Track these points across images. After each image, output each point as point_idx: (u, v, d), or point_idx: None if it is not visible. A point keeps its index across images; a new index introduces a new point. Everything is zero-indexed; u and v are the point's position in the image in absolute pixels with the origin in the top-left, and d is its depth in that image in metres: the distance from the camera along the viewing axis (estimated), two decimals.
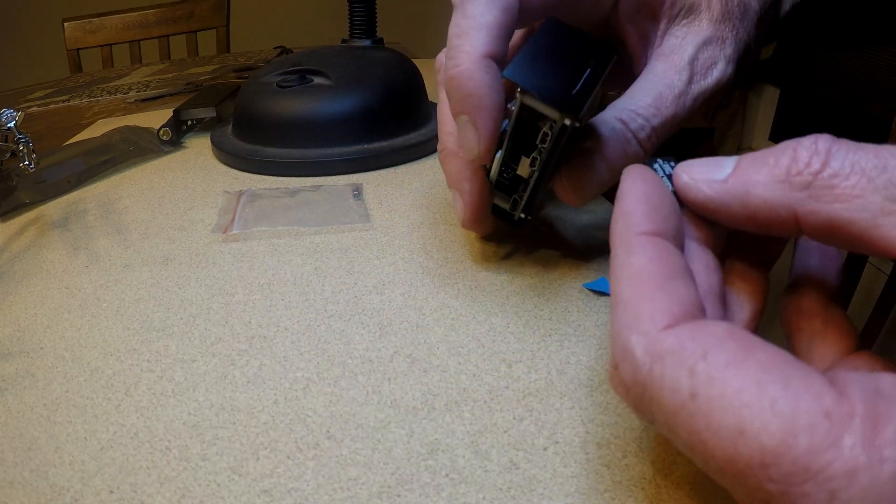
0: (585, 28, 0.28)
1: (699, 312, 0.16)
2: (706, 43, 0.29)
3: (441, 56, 0.30)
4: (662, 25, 0.30)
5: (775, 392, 0.13)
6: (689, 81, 0.28)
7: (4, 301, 0.32)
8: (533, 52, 0.24)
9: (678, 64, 0.28)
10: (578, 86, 0.23)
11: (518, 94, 0.25)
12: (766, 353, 0.14)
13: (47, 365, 0.26)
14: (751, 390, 0.13)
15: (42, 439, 0.22)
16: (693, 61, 0.29)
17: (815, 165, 0.15)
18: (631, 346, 0.15)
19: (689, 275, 0.17)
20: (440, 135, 0.31)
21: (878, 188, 0.14)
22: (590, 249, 0.33)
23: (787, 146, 0.16)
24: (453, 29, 0.26)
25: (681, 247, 0.18)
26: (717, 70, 0.29)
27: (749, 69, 0.31)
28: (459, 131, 0.26)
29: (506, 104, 0.26)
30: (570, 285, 0.30)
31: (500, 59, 0.25)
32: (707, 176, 0.18)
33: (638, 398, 0.15)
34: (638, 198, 0.17)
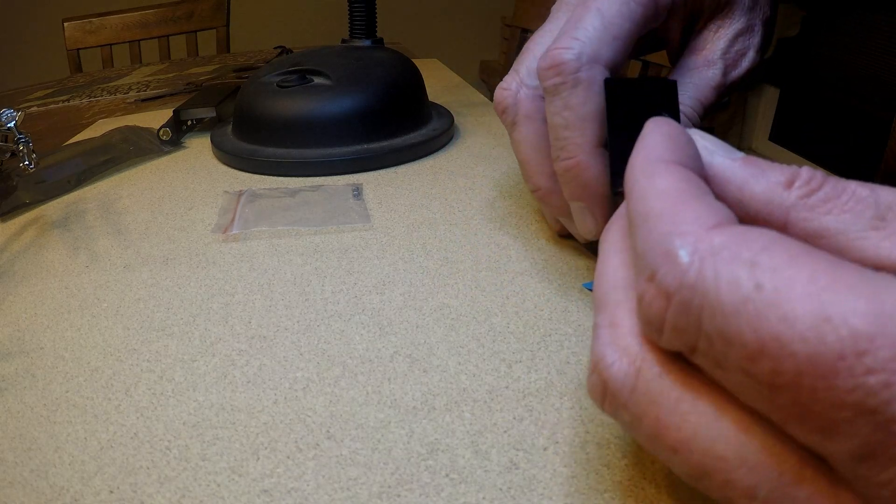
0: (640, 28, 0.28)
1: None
2: (738, 35, 0.30)
3: (501, 94, 0.30)
4: (702, 20, 0.31)
5: (851, 276, 0.12)
6: (725, 73, 0.30)
7: (4, 301, 0.32)
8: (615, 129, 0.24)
9: (711, 59, 0.30)
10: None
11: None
12: (827, 252, 0.13)
13: (47, 365, 0.26)
14: (826, 274, 0.12)
15: (42, 439, 0.22)
16: (725, 54, 0.30)
17: (814, 184, 0.16)
18: (674, 249, 0.13)
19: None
20: (529, 175, 0.30)
21: (868, 207, 0.15)
22: (590, 249, 0.33)
23: (791, 167, 0.17)
24: (557, 119, 0.26)
25: None
26: (748, 60, 0.31)
27: (766, 50, 0.33)
28: (576, 214, 0.28)
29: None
30: (570, 285, 0.30)
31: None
32: (723, 149, 0.18)
33: (683, 308, 0.13)
34: (661, 134, 0.17)
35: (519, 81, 0.29)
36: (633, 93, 0.24)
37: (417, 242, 0.35)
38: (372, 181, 0.44)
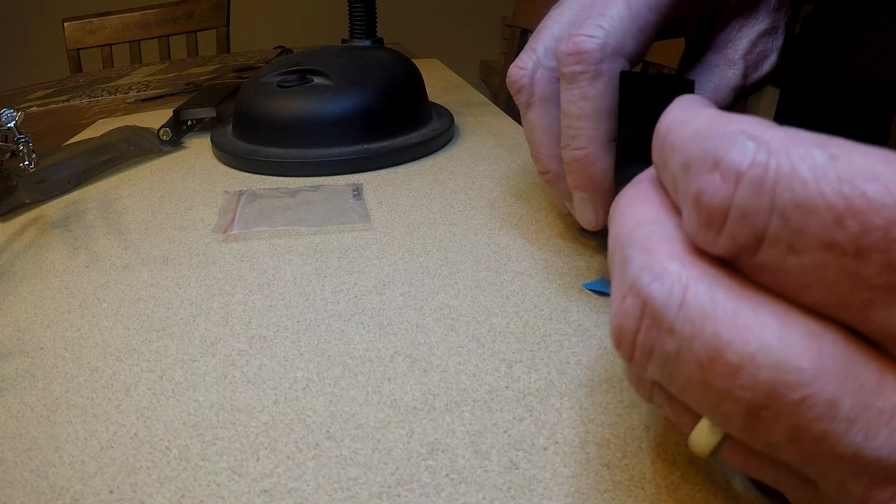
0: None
1: None
2: (762, 35, 0.29)
3: (517, 73, 0.29)
4: (725, 15, 0.30)
5: None
6: (745, 75, 0.29)
7: (4, 301, 0.32)
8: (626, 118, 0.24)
9: (732, 58, 0.29)
10: None
11: None
12: None
13: (47, 365, 0.26)
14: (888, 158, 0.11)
15: (42, 439, 0.22)
16: (747, 55, 0.29)
17: None
18: (742, 136, 0.13)
19: None
20: (539, 157, 0.30)
21: None
22: (590, 249, 0.33)
23: None
24: (572, 108, 0.26)
25: None
26: (769, 63, 0.29)
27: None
28: (577, 204, 0.28)
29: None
30: (570, 285, 0.30)
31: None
32: None
33: (755, 185, 0.12)
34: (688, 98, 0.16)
35: (536, 61, 0.28)
36: (649, 89, 0.23)
37: (417, 242, 0.35)
38: (372, 181, 0.44)
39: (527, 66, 0.28)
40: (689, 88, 0.23)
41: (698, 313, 0.13)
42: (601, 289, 0.29)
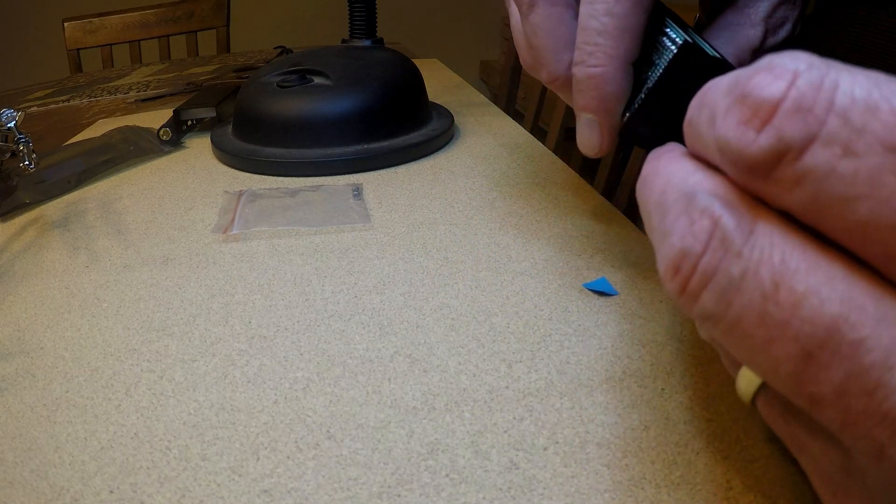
0: None
1: None
2: (782, 2, 0.29)
3: None
4: None
5: None
6: (764, 38, 0.28)
7: (4, 301, 0.32)
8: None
9: (753, 19, 0.28)
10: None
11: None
12: None
13: (47, 365, 0.26)
14: None
15: (42, 439, 0.22)
16: (768, 18, 0.28)
17: None
18: (791, 55, 0.12)
19: None
20: (545, 63, 0.27)
21: None
22: (590, 249, 0.33)
23: None
24: (593, 23, 0.24)
25: None
26: (785, 31, 0.29)
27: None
28: (581, 127, 0.26)
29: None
30: (570, 285, 0.30)
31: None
32: None
33: (812, 87, 0.12)
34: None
35: None
36: (701, 64, 0.23)
37: (417, 242, 0.35)
38: (372, 181, 0.44)
39: None
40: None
41: (768, 240, 0.12)
42: (601, 289, 0.29)
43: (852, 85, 0.11)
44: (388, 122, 0.48)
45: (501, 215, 0.38)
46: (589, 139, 0.26)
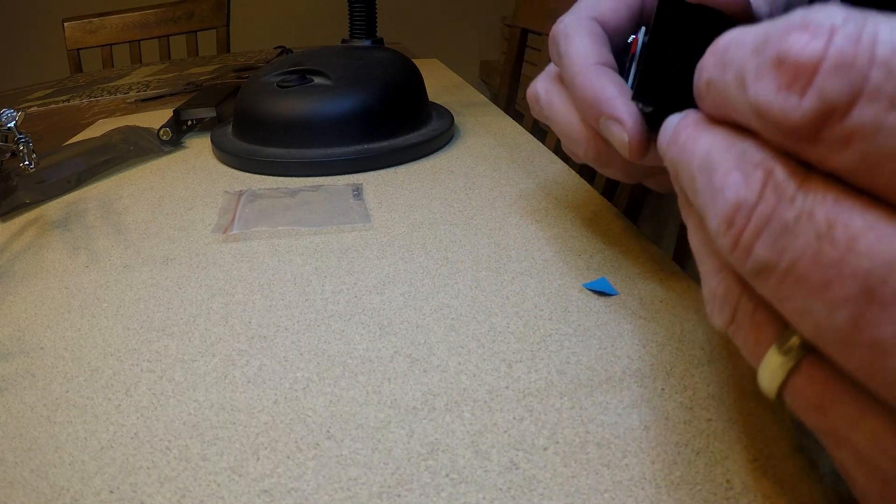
0: None
1: None
2: None
3: (528, 93, 0.31)
4: None
5: None
6: (771, 14, 0.28)
7: (4, 301, 0.32)
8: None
9: None
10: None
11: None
12: None
13: (47, 365, 0.26)
14: None
15: (42, 439, 0.22)
16: None
17: None
18: (830, 9, 0.12)
19: None
20: (577, 140, 0.28)
21: None
22: (590, 249, 0.33)
23: None
24: (562, 72, 0.28)
25: None
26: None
27: None
28: (606, 133, 0.26)
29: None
30: (570, 285, 0.30)
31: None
32: None
33: (855, 32, 0.11)
34: None
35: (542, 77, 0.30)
36: (688, 15, 0.22)
37: (417, 242, 0.35)
38: (372, 181, 0.44)
39: (534, 85, 0.30)
40: (730, 25, 0.23)
41: (821, 185, 0.12)
42: (601, 289, 0.29)
43: (892, 34, 0.11)
44: (388, 122, 0.48)
45: (501, 215, 0.38)
46: (616, 138, 0.26)
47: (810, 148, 0.12)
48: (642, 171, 0.29)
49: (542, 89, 0.30)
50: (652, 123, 0.25)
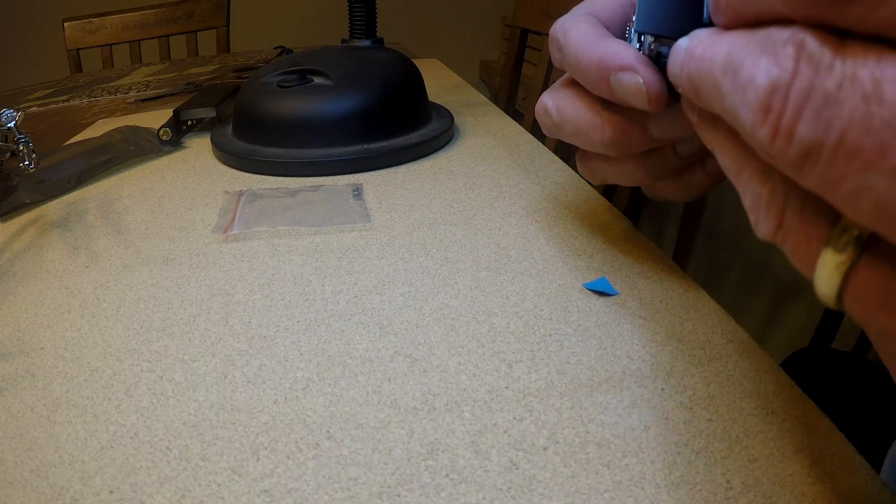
0: None
1: None
2: None
3: (537, 108, 0.30)
4: None
5: None
6: None
7: (4, 301, 0.32)
8: None
9: None
10: None
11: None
12: None
13: (47, 365, 0.26)
14: None
15: (42, 439, 0.22)
16: None
17: None
18: None
19: None
20: (597, 127, 0.28)
21: None
22: (590, 249, 0.33)
23: None
24: (563, 65, 0.27)
25: None
26: None
27: None
28: (617, 89, 0.24)
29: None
30: (570, 285, 0.30)
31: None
32: None
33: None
34: None
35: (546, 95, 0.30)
36: None
37: (417, 242, 0.35)
38: (372, 181, 0.44)
39: (540, 101, 0.30)
40: None
41: (860, 48, 0.11)
42: (601, 289, 0.29)
43: None
44: (388, 122, 0.48)
45: (501, 215, 0.38)
46: (635, 88, 0.24)
47: (848, 8, 0.11)
48: (660, 161, 0.27)
49: (549, 99, 0.29)
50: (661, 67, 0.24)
